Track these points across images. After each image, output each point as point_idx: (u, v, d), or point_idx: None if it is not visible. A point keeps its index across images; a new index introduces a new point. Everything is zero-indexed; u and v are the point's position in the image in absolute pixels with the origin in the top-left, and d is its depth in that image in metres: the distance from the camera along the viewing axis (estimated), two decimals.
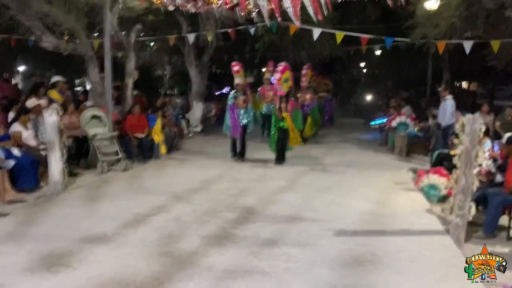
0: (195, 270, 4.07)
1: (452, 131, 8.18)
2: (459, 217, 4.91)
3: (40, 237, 4.77)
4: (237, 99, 9.21)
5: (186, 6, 7.25)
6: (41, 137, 7.20)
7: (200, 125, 14.20)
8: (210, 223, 5.35)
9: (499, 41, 9.76)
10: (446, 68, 15.95)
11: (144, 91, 15.83)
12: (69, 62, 17.00)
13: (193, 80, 15.26)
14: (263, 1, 6.20)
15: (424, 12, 10.45)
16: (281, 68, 9.26)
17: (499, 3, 8.60)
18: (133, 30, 10.69)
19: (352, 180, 7.89)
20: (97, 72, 9.73)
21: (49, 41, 8.72)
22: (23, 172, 6.44)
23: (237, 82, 9.37)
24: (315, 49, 15.48)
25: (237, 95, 9.28)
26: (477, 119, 4.80)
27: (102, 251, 4.43)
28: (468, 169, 4.83)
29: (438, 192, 6.71)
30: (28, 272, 3.94)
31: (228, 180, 7.65)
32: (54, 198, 6.32)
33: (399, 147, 10.45)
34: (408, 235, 5.14)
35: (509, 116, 10.25)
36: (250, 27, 11.33)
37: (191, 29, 13.19)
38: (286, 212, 5.86)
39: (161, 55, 18.06)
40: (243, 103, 9.23)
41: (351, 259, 4.40)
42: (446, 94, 9.43)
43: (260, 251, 4.52)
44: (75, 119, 8.53)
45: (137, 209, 5.82)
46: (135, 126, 8.94)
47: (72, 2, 8.65)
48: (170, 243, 4.69)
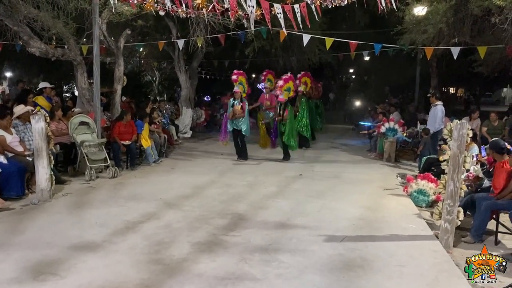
0: (186, 277, 4.04)
1: (441, 136, 8.25)
2: (448, 222, 4.95)
3: (28, 245, 4.69)
4: (234, 106, 9.60)
5: (176, 11, 7.26)
6: (28, 143, 7.10)
7: (189, 131, 14.16)
8: (201, 230, 5.32)
9: (486, 47, 9.92)
10: (434, 74, 16.15)
11: (133, 97, 15.77)
12: (57, 68, 16.89)
13: (182, 86, 15.24)
14: (252, 7, 6.23)
15: (413, 18, 10.60)
16: (286, 77, 10.00)
17: (486, 10, 8.74)
18: (122, 35, 10.66)
19: (342, 185, 7.91)
20: (86, 78, 9.66)
21: (37, 46, 8.63)
22: (10, 180, 6.32)
23: (235, 90, 9.79)
24: (305, 55, 15.61)
25: (235, 103, 9.66)
26: (464, 124, 4.86)
27: (91, 259, 4.37)
28: (456, 174, 4.88)
29: (426, 197, 6.78)
30: (16, 281, 3.87)
31: (219, 186, 7.63)
32: (41, 205, 6.23)
33: (388, 153, 10.52)
34: (398, 240, 5.16)
35: (495, 122, 10.42)
36: (240, 33, 11.37)
37: (181, 35, 13.19)
38: (277, 218, 5.85)
39: (150, 60, 18.02)
40: (240, 110, 9.59)
41: (342, 264, 4.40)
42: (436, 101, 9.46)
43: (251, 257, 4.50)
44: (63, 125, 8.44)
45: (127, 216, 5.77)
46: (124, 133, 8.86)
47: (61, 7, 8.58)
48: (161, 250, 4.66)
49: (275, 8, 6.59)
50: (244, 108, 9.78)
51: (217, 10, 7.11)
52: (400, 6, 10.34)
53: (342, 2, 6.44)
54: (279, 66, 16.67)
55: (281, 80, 9.99)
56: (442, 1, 9.65)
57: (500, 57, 10.97)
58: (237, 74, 10.19)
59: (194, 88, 16.11)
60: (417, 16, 10.52)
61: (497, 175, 5.41)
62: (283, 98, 9.77)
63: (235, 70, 10.51)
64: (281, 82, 9.91)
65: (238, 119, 9.74)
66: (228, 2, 6.23)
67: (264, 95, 11.22)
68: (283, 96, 9.79)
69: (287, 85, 9.96)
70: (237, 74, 10.21)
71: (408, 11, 10.61)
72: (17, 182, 6.42)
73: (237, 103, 9.71)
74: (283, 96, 9.78)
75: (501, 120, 10.62)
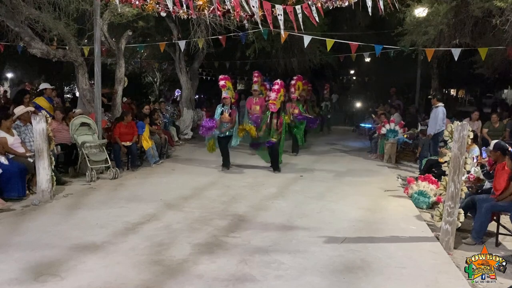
0: (186, 278, 4.04)
1: (442, 138, 8.25)
2: (448, 224, 4.95)
3: (28, 246, 4.70)
4: (223, 114, 8.83)
5: (177, 12, 7.27)
6: (29, 144, 7.11)
7: (190, 132, 14.17)
8: (201, 231, 5.32)
9: (486, 48, 9.92)
10: (434, 76, 16.14)
11: (134, 98, 15.80)
12: (58, 69, 16.93)
13: (183, 87, 15.26)
14: (255, 8, 6.24)
15: (413, 19, 10.60)
16: (277, 87, 8.97)
17: (486, 11, 8.74)
18: (124, 36, 10.67)
19: (342, 187, 7.91)
20: (87, 79, 9.68)
21: (38, 47, 8.65)
22: (11, 181, 6.34)
23: (223, 95, 8.98)
24: (306, 56, 15.60)
25: (223, 110, 8.88)
26: (465, 126, 4.86)
27: (91, 260, 4.38)
28: (456, 176, 4.88)
29: (427, 198, 6.77)
30: (16, 282, 3.88)
31: (219, 187, 7.63)
32: (42, 206, 6.24)
33: (389, 154, 10.52)
34: (398, 242, 5.16)
35: (496, 123, 10.41)
36: (241, 34, 11.37)
37: (182, 36, 13.21)
38: (277, 219, 5.85)
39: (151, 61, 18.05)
40: (228, 117, 8.82)
41: (342, 266, 4.40)
42: (437, 103, 9.45)
43: (251, 259, 4.50)
44: (64, 126, 8.45)
45: (127, 217, 5.77)
46: (124, 134, 8.87)
47: (62, 8, 8.59)
48: (161, 251, 4.66)
49: (276, 9, 6.60)
50: (234, 116, 8.94)
51: (219, 11, 7.12)
52: (400, 8, 10.36)
53: (343, 3, 6.44)
54: (280, 68, 16.67)
55: (274, 92, 8.96)
56: (443, 3, 9.65)
57: (501, 59, 10.96)
58: (224, 79, 9.27)
59: (195, 89, 16.12)
60: (418, 17, 10.52)
61: (498, 176, 5.40)
62: (275, 108, 8.88)
63: (220, 75, 9.48)
64: (273, 95, 8.91)
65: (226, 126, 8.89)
66: (231, 2, 6.23)
67: (252, 99, 10.21)
68: (276, 106, 8.90)
69: (280, 95, 9.08)
70: (224, 79, 9.29)
71: (409, 13, 10.62)
72: (18, 183, 6.43)
73: (226, 110, 8.89)
74: (276, 106, 8.89)
75: (502, 121, 10.60)
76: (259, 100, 9.81)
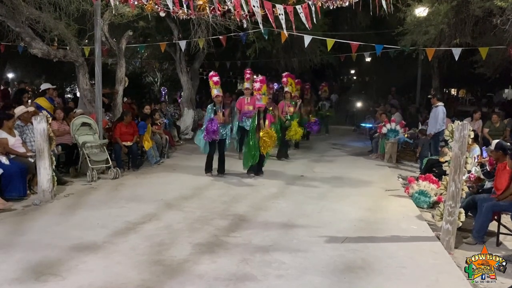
0: (187, 278, 4.04)
1: (443, 137, 8.25)
2: (449, 223, 4.94)
3: (29, 246, 4.70)
4: (216, 113, 8.24)
5: (177, 12, 7.27)
6: (30, 144, 7.11)
7: (191, 132, 14.17)
8: (201, 231, 5.32)
9: (487, 48, 9.92)
10: (435, 75, 16.14)
11: (135, 98, 15.80)
12: (59, 69, 16.94)
13: (184, 87, 15.25)
14: (256, 7, 6.24)
15: (414, 19, 10.61)
16: (261, 79, 8.49)
17: (487, 11, 8.75)
18: (124, 36, 10.68)
19: (343, 186, 7.91)
20: (87, 79, 9.68)
21: (39, 47, 8.66)
22: (11, 180, 6.34)
23: (216, 93, 8.32)
24: (306, 56, 15.59)
25: (216, 109, 8.30)
26: (466, 125, 4.85)
27: (92, 260, 4.38)
28: (457, 175, 4.88)
29: (428, 198, 6.77)
30: (17, 282, 3.88)
31: (219, 187, 7.63)
32: (43, 206, 6.24)
33: (389, 154, 10.51)
34: (399, 241, 5.16)
35: (496, 123, 10.40)
36: (241, 34, 11.37)
37: (182, 36, 13.21)
38: (278, 219, 5.85)
39: (152, 61, 18.04)
40: (222, 117, 8.30)
41: (343, 265, 4.40)
42: (437, 102, 9.45)
43: (252, 259, 4.50)
44: (64, 126, 8.46)
45: (128, 217, 5.77)
46: (125, 134, 8.87)
47: (63, 8, 8.60)
48: (161, 251, 4.66)
49: (277, 9, 6.60)
50: (227, 116, 8.50)
51: (219, 11, 7.13)
52: (401, 7, 10.36)
53: (343, 2, 6.44)
54: (281, 67, 16.67)
55: (257, 82, 8.38)
56: (444, 2, 9.66)
57: (501, 58, 10.97)
58: (217, 76, 8.46)
59: (195, 89, 16.11)
60: (419, 17, 10.53)
61: (499, 176, 5.40)
62: (262, 104, 8.35)
63: (212, 72, 8.61)
64: (258, 85, 8.33)
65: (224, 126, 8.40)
66: (232, 2, 6.24)
67: (244, 99, 9.34)
68: (262, 101, 8.36)
69: (264, 89, 8.49)
70: (216, 75, 8.48)
71: (410, 12, 10.62)
72: (19, 183, 6.44)
73: (219, 109, 8.31)
74: (261, 102, 8.35)
75: (502, 121, 10.60)
76: (251, 100, 9.08)
